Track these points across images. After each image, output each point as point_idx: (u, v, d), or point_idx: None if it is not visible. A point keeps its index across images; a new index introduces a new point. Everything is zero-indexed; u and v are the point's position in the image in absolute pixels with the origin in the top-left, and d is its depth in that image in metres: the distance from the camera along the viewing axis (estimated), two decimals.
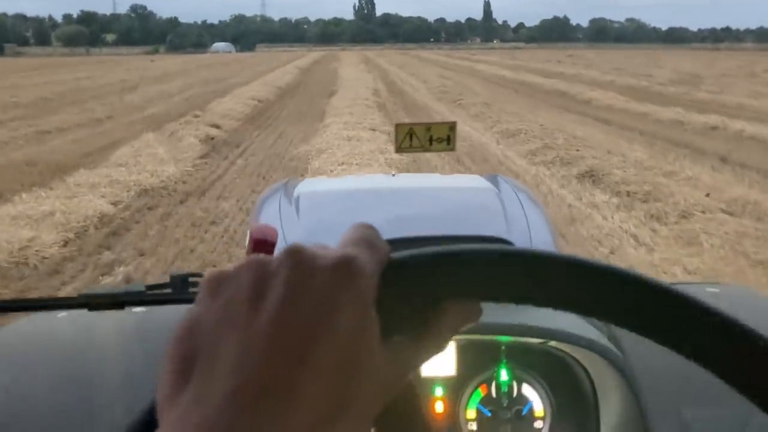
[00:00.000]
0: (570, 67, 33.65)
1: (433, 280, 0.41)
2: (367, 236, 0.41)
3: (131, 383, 1.11)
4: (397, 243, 1.15)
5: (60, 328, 1.39)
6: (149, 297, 1.21)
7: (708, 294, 1.56)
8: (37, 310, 1.37)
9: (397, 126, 1.91)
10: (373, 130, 11.60)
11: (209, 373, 0.33)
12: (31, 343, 1.36)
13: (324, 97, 19.26)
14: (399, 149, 1.88)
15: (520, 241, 1.58)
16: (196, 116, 13.97)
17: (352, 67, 35.83)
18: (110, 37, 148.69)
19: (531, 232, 1.67)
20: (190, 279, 1.21)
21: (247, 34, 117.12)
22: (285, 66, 37.11)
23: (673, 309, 0.38)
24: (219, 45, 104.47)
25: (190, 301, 1.17)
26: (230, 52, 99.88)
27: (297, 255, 0.37)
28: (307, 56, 59.42)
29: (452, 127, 1.93)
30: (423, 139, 1.89)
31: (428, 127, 1.90)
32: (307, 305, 0.35)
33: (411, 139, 1.89)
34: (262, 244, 0.47)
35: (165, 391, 0.34)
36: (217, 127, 12.76)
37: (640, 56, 54.89)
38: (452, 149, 1.92)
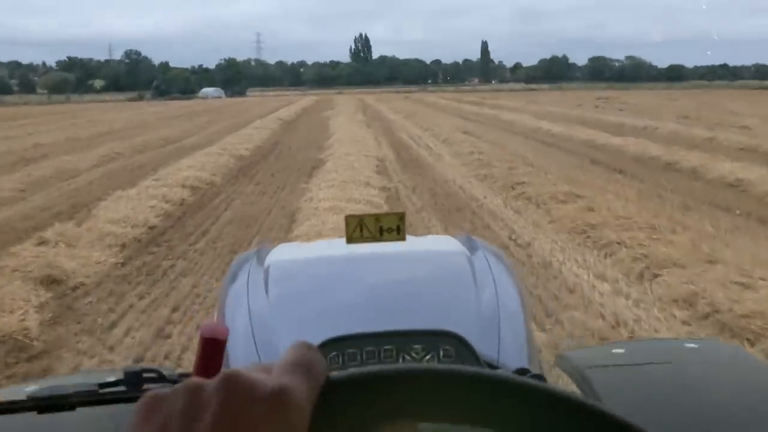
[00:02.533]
0: (626, 116, 26.86)
1: (367, 403, 0.42)
2: (305, 360, 0.41)
3: None
4: (361, 338, 1.20)
5: None
6: (101, 396, 1.18)
7: (686, 350, 1.69)
8: None
9: (347, 217, 1.97)
10: None
11: None
12: None
13: (302, 175, 12.52)
14: (350, 240, 1.92)
15: (488, 320, 1.51)
16: (42, 242, 7.15)
17: (348, 117, 29.23)
18: (98, 83, 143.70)
19: (500, 308, 1.56)
20: (144, 375, 1.17)
21: (238, 78, 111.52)
22: (266, 117, 30.55)
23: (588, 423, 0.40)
24: (208, 90, 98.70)
25: None
26: (220, 97, 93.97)
27: (232, 383, 0.38)
28: (298, 102, 53.12)
29: (401, 217, 1.99)
30: (373, 229, 1.96)
31: (377, 217, 1.98)
32: None
33: (361, 230, 1.96)
34: (212, 342, 0.46)
35: None
36: (57, 282, 5.96)
37: (682, 96, 48.33)
38: (402, 239, 1.91)
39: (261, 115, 32.45)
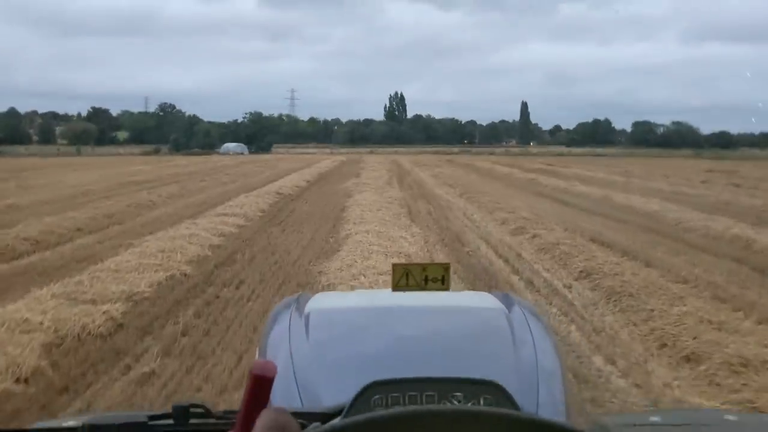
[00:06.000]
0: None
1: None
2: (278, 424, 0.44)
3: None
4: (403, 383, 1.21)
5: None
6: (150, 429, 1.20)
7: (725, 422, 1.67)
8: None
9: (394, 266, 2.05)
10: None
11: None
12: None
13: None
14: (396, 287, 1.99)
15: (527, 374, 1.53)
16: None
17: (377, 191, 20.32)
18: (122, 135, 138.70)
19: (538, 363, 1.57)
20: (191, 410, 1.19)
21: (263, 133, 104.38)
22: (262, 188, 21.76)
23: None
24: (229, 146, 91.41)
25: None
26: (242, 153, 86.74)
27: None
28: (321, 162, 44.62)
29: (446, 268, 2.05)
30: (419, 278, 2.02)
31: (424, 267, 2.03)
32: None
33: (407, 278, 2.01)
34: (261, 379, 0.50)
35: None
36: None
37: None
38: (446, 289, 2.00)
39: (257, 184, 23.64)
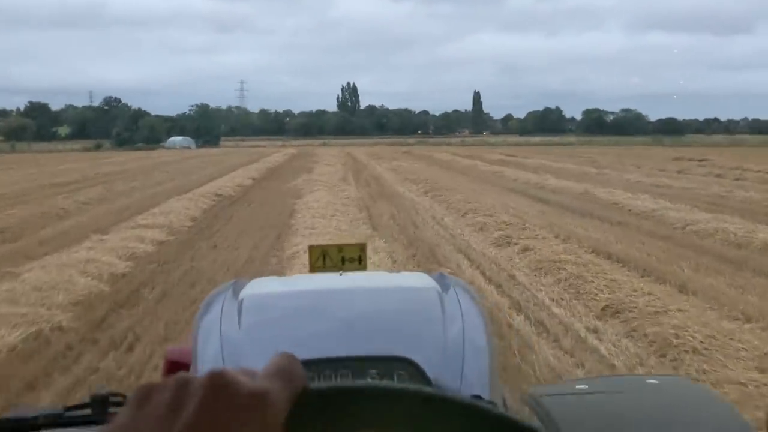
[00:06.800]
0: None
1: (337, 414, 0.44)
2: (287, 368, 0.44)
3: None
4: (319, 363, 1.26)
5: None
6: (67, 419, 1.17)
7: (648, 385, 1.71)
8: None
9: (311, 248, 2.10)
10: None
11: None
12: None
13: None
14: (313, 269, 2.04)
15: (453, 351, 1.54)
16: None
17: (330, 189, 17.91)
18: (63, 131, 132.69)
19: (465, 342, 1.59)
20: (111, 399, 1.17)
21: (211, 126, 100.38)
22: (207, 185, 19.13)
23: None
24: (176, 140, 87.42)
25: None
26: (189, 147, 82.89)
27: (217, 380, 0.41)
28: (270, 156, 41.92)
29: (362, 248, 2.09)
30: (336, 259, 2.06)
31: (340, 248, 2.07)
32: (215, 428, 0.39)
33: (324, 259, 2.05)
34: (176, 365, 0.52)
35: None
36: None
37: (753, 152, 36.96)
38: (364, 269, 2.06)
39: (195, 184, 20.92)
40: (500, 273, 8.21)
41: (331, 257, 2.08)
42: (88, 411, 1.19)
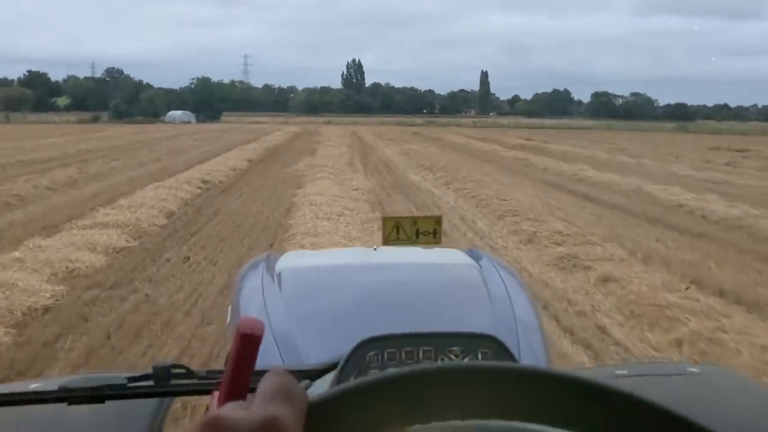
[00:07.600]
0: None
1: (353, 417, 0.42)
2: (283, 387, 0.41)
3: None
4: (389, 339, 1.14)
5: (36, 425, 1.30)
6: (130, 390, 1.15)
7: (689, 374, 1.62)
8: (10, 405, 1.19)
9: (385, 219, 2.05)
10: None
11: None
12: None
13: None
14: (386, 241, 1.98)
15: (506, 327, 1.46)
16: None
17: (335, 176, 15.42)
18: (62, 102, 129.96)
19: (516, 316, 1.53)
20: (173, 370, 1.14)
21: (214, 100, 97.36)
22: (195, 167, 16.63)
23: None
24: (175, 114, 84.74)
25: (172, 393, 1.17)
26: (189, 122, 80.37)
27: (214, 428, 0.37)
28: (272, 134, 39.33)
29: (438, 221, 2.04)
30: (410, 232, 2.00)
31: (415, 220, 2.00)
32: None
33: (398, 231, 1.99)
34: (248, 338, 0.46)
35: None
36: None
37: None
38: (438, 243, 1.99)
39: (183, 166, 18.39)
40: (580, 320, 5.74)
41: (405, 230, 2.05)
42: (150, 382, 1.13)
